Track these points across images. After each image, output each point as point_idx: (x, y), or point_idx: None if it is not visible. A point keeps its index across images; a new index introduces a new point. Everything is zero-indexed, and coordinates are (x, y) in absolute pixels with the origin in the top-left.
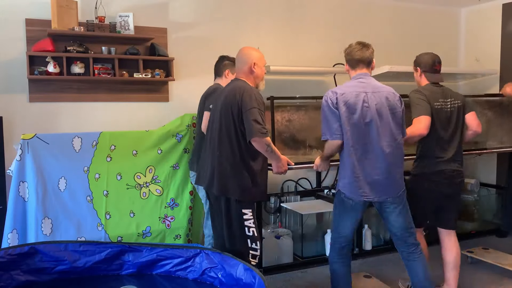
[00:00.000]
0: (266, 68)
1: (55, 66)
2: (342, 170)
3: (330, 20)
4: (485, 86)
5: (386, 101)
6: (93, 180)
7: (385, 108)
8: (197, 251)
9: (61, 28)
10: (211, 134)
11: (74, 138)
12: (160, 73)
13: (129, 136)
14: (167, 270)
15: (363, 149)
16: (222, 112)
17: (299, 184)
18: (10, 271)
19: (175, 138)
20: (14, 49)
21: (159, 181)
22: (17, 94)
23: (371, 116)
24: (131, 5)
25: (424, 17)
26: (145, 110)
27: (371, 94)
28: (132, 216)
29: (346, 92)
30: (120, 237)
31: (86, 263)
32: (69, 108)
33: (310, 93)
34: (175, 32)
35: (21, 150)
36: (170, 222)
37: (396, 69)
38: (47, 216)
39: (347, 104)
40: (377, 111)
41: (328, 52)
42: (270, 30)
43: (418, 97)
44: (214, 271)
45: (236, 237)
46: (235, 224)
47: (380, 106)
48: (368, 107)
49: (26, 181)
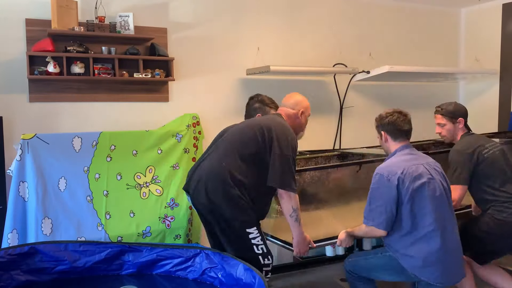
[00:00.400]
0: (266, 68)
1: (55, 66)
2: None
3: (330, 20)
4: (485, 86)
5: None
6: (93, 180)
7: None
8: (197, 251)
9: (61, 28)
10: (219, 143)
11: (74, 138)
12: (160, 73)
13: (129, 136)
14: (167, 270)
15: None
16: (246, 128)
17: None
18: (10, 271)
19: (175, 138)
20: (14, 49)
21: (159, 181)
22: (17, 94)
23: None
24: (131, 5)
25: (424, 17)
26: (145, 110)
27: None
28: (132, 216)
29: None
30: (120, 237)
31: (86, 263)
32: (69, 108)
33: (310, 93)
34: (175, 32)
35: (21, 150)
36: (170, 222)
37: (396, 69)
38: (47, 216)
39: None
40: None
41: (328, 52)
42: (270, 30)
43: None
44: (214, 271)
45: (245, 259)
46: (241, 245)
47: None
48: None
49: (26, 181)
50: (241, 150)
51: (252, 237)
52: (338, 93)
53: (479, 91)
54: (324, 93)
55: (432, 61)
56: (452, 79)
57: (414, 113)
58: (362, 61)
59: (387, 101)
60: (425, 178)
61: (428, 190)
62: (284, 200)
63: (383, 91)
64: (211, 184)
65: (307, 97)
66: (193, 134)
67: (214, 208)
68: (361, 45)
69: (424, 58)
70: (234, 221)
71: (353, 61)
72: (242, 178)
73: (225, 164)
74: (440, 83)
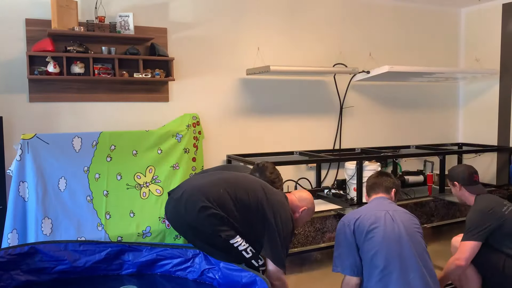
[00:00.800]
0: (266, 68)
1: (55, 66)
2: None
3: (330, 20)
4: (485, 86)
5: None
6: (93, 180)
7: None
8: (197, 252)
9: (61, 28)
10: (221, 174)
11: (74, 138)
12: (160, 73)
13: (129, 136)
14: (167, 270)
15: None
16: (254, 201)
17: (299, 184)
18: (10, 271)
19: (175, 138)
20: (14, 49)
21: (159, 181)
22: (17, 94)
23: None
24: (131, 5)
25: (424, 17)
26: (145, 110)
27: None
28: (132, 216)
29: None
30: (120, 237)
31: (86, 263)
32: (69, 108)
33: (310, 93)
34: (175, 32)
35: (21, 150)
36: None
37: (396, 69)
38: (47, 216)
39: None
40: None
41: (328, 52)
42: (270, 30)
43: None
44: (213, 272)
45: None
46: (231, 254)
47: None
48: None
49: (26, 181)
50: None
51: (237, 245)
52: (338, 93)
53: (479, 91)
54: (324, 93)
55: (432, 61)
56: (452, 79)
57: (414, 113)
58: (362, 61)
59: (387, 101)
60: (381, 222)
61: (382, 232)
62: (272, 273)
63: (383, 91)
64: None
65: (307, 97)
66: (193, 134)
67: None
68: (361, 45)
69: (424, 58)
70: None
71: (353, 61)
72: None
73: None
74: (440, 83)
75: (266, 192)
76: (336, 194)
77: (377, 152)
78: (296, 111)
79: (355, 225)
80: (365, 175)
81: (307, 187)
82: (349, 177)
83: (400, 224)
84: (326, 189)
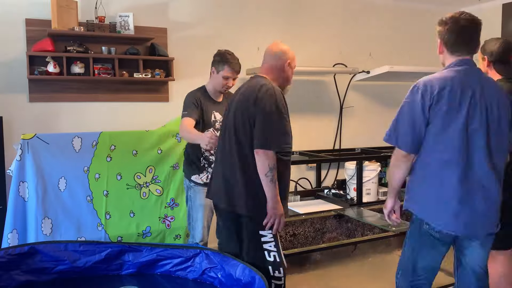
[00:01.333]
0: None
1: (55, 66)
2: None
3: (330, 20)
4: None
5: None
6: (93, 180)
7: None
8: (197, 251)
9: (61, 28)
10: (223, 143)
11: (74, 138)
12: (160, 73)
13: (129, 136)
14: (167, 270)
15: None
16: (237, 114)
17: (299, 184)
18: (10, 271)
19: (175, 138)
20: (14, 49)
21: (159, 181)
22: (17, 94)
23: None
24: (131, 5)
25: (424, 17)
26: (145, 110)
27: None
28: (132, 216)
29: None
30: (120, 237)
31: (86, 263)
32: (69, 108)
33: (310, 93)
34: (175, 32)
35: (21, 150)
36: (170, 222)
37: (396, 69)
38: (47, 216)
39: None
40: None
41: (328, 52)
42: (271, 30)
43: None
44: (214, 271)
45: (255, 265)
46: (251, 247)
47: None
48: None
49: (26, 181)
50: (243, 140)
51: (265, 240)
52: (338, 93)
53: None
54: (324, 93)
55: (432, 61)
56: None
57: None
58: (362, 61)
59: (387, 101)
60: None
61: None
62: (260, 157)
63: (383, 91)
64: (230, 184)
65: (307, 97)
66: None
67: (231, 202)
68: (361, 45)
69: (424, 58)
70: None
71: (353, 61)
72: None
73: (232, 162)
74: None
75: (241, 101)
76: (336, 194)
77: (377, 152)
78: (296, 111)
79: (432, 94)
80: (365, 175)
81: (307, 187)
82: (349, 177)
83: (483, 107)
84: (326, 189)
